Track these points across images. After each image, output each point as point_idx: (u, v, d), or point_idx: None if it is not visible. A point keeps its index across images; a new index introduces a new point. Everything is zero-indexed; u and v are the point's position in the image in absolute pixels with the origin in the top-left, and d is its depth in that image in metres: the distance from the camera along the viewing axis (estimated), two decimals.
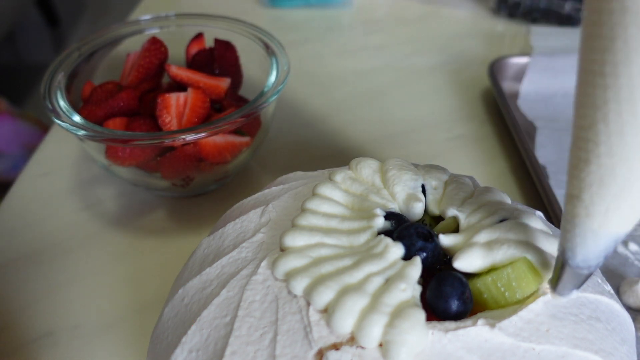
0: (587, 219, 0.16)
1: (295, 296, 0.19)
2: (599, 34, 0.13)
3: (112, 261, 0.33)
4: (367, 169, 0.24)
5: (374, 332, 0.17)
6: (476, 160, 0.40)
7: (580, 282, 0.18)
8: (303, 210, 0.22)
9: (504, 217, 0.21)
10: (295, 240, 0.20)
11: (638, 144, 0.14)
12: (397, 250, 0.19)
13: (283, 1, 0.59)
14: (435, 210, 0.23)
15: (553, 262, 0.19)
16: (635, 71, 0.13)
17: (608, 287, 0.22)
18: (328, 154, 0.41)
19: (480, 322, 0.18)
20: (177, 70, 0.35)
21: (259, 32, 0.38)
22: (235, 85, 0.37)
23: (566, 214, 0.17)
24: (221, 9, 0.58)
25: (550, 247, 0.20)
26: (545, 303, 0.19)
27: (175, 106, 0.32)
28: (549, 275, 0.19)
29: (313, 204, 0.22)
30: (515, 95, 0.45)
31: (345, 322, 0.17)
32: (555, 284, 0.18)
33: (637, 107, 0.13)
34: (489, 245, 0.20)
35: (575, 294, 0.19)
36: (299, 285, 0.19)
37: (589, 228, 0.16)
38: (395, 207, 0.22)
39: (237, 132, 0.34)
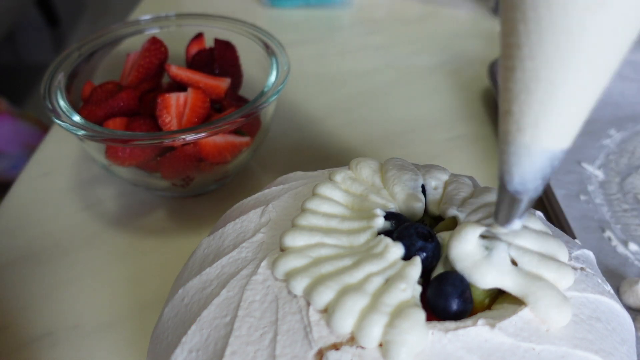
0: (519, 134, 0.15)
1: (295, 296, 0.19)
2: None
3: (112, 261, 0.33)
4: (367, 169, 0.24)
5: (374, 332, 0.17)
6: (476, 160, 0.40)
7: (521, 209, 0.17)
8: (303, 210, 0.22)
9: None
10: (295, 240, 0.20)
11: (556, 42, 0.13)
12: (397, 250, 0.19)
13: (283, 1, 0.59)
14: (435, 210, 0.23)
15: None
16: None
17: (608, 287, 0.22)
18: (328, 154, 0.41)
19: (480, 322, 0.18)
20: (177, 70, 0.35)
21: (259, 32, 0.38)
22: (235, 85, 0.37)
23: (500, 132, 0.16)
24: (221, 9, 0.58)
25: (549, 247, 0.20)
26: None
27: (175, 106, 0.32)
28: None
29: (313, 204, 0.22)
30: None
31: (345, 322, 0.17)
32: (495, 213, 0.17)
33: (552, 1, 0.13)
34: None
35: (519, 225, 0.17)
36: (299, 285, 0.19)
37: (521, 144, 0.15)
38: (395, 207, 0.22)
39: (237, 132, 0.34)
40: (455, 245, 0.19)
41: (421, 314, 0.17)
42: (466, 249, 0.19)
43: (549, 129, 0.15)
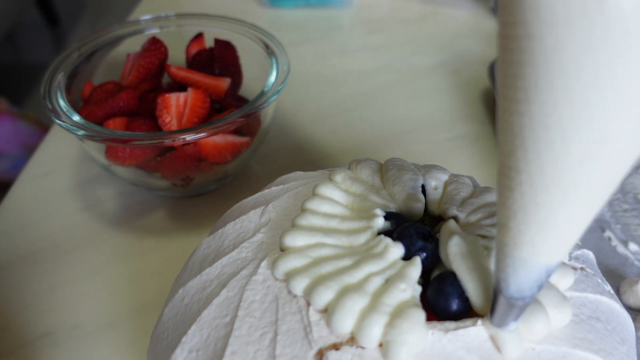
0: (516, 249, 0.15)
1: (295, 296, 0.19)
2: (510, 60, 0.13)
3: (112, 261, 0.33)
4: (367, 169, 0.24)
5: (374, 332, 0.17)
6: (476, 160, 0.40)
7: (517, 313, 0.17)
8: (303, 210, 0.22)
9: None
10: (295, 240, 0.20)
11: (556, 173, 0.13)
12: (397, 250, 0.19)
13: (283, 1, 0.59)
14: (435, 210, 0.23)
15: None
16: (545, 98, 0.12)
17: (608, 287, 0.22)
18: (328, 154, 0.41)
19: (480, 322, 0.18)
20: (177, 70, 0.35)
21: (259, 32, 0.38)
22: (235, 85, 0.37)
23: (497, 243, 0.16)
24: (221, 9, 0.58)
25: None
26: None
27: (175, 106, 0.32)
28: None
29: (313, 204, 0.22)
30: None
31: (345, 322, 0.17)
32: (491, 314, 0.17)
33: (551, 134, 0.13)
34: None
35: (514, 326, 0.17)
36: (299, 285, 0.19)
37: (518, 258, 0.15)
38: (395, 207, 0.22)
39: (237, 132, 0.34)
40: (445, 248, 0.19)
41: (421, 314, 0.17)
42: (454, 251, 0.19)
43: (546, 247, 0.15)
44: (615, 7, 0.11)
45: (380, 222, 0.21)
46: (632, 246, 0.32)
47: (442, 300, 0.18)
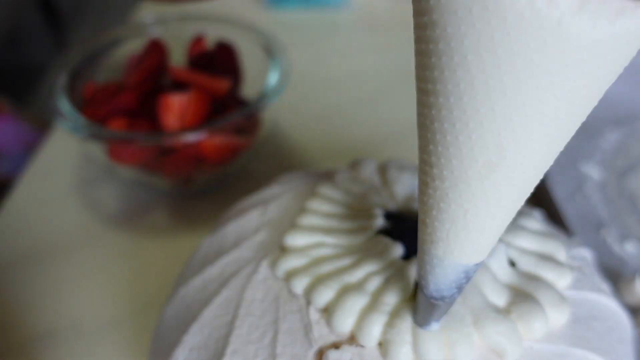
0: (432, 246, 0.15)
1: (295, 295, 0.19)
2: (418, 49, 0.12)
3: (112, 261, 0.33)
4: (367, 169, 0.24)
5: (374, 331, 0.17)
6: None
7: (438, 313, 0.16)
8: (303, 210, 0.22)
9: None
10: (295, 239, 0.20)
11: (464, 169, 0.13)
12: (396, 250, 0.20)
13: (283, 2, 0.60)
14: None
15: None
16: (450, 89, 0.12)
17: (606, 286, 0.22)
18: (328, 154, 0.41)
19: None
20: (179, 71, 0.35)
21: (260, 33, 0.38)
22: (236, 86, 0.37)
23: (418, 239, 0.16)
24: (222, 10, 0.58)
25: (547, 247, 0.21)
26: None
27: (176, 107, 0.32)
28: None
29: (313, 204, 0.22)
30: None
31: (345, 321, 0.18)
32: (415, 312, 0.17)
33: (457, 127, 0.12)
34: None
35: (436, 327, 0.17)
36: (300, 285, 0.19)
37: (435, 255, 0.15)
38: (395, 207, 0.22)
39: (238, 132, 0.34)
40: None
41: None
42: None
43: (460, 245, 0.14)
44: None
45: (380, 222, 0.21)
46: (629, 245, 0.32)
47: None
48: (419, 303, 0.17)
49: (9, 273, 0.32)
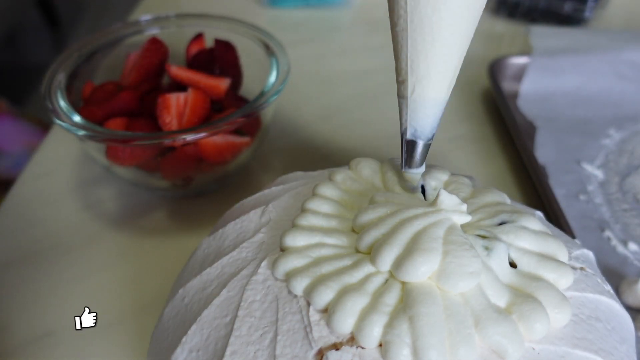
0: (402, 87, 0.20)
1: (295, 296, 0.19)
2: None
3: (112, 261, 0.33)
4: (367, 169, 0.24)
5: (374, 332, 0.17)
6: (476, 160, 0.40)
7: (419, 152, 0.21)
8: (303, 210, 0.22)
9: (504, 220, 0.21)
10: (295, 240, 0.20)
11: (423, 12, 0.18)
12: None
13: (283, 1, 0.59)
14: None
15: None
16: None
17: (607, 287, 0.22)
18: (328, 154, 0.41)
19: None
20: (178, 71, 0.35)
21: (259, 32, 0.38)
22: (236, 85, 0.37)
23: (399, 97, 0.21)
24: (221, 9, 0.58)
25: (549, 247, 0.21)
26: None
27: (175, 106, 0.32)
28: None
29: (313, 204, 0.22)
30: (514, 95, 0.45)
31: (346, 322, 0.18)
32: (403, 163, 0.21)
33: None
34: None
35: (423, 169, 0.22)
36: (299, 285, 0.19)
37: (404, 96, 0.20)
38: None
39: (237, 132, 0.34)
40: None
41: None
42: None
43: (421, 80, 0.20)
44: None
45: None
46: (632, 246, 0.32)
47: None
48: (404, 151, 0.21)
49: (9, 273, 0.32)
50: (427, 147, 0.21)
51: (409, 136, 0.21)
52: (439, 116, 0.21)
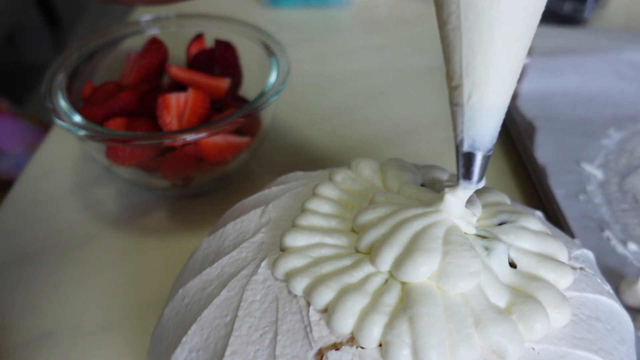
0: (456, 93, 0.18)
1: (295, 296, 0.19)
2: None
3: (112, 261, 0.33)
4: (367, 169, 0.24)
5: (374, 332, 0.17)
6: None
7: (478, 165, 0.18)
8: (303, 210, 0.22)
9: (504, 221, 0.21)
10: (295, 240, 0.20)
11: (476, 14, 0.16)
12: None
13: (283, 1, 0.59)
14: None
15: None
16: None
17: (607, 287, 0.22)
18: (328, 154, 0.41)
19: None
20: (178, 71, 0.35)
21: (259, 33, 0.38)
22: (236, 85, 0.37)
23: (453, 104, 0.18)
24: (221, 9, 0.58)
25: (548, 247, 0.21)
26: None
27: (175, 106, 0.32)
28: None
29: (313, 204, 0.22)
30: (514, 95, 0.45)
31: (346, 322, 0.18)
32: (458, 175, 0.19)
33: None
34: None
35: (482, 183, 0.19)
36: (299, 285, 0.19)
37: (459, 104, 0.18)
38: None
39: (237, 132, 0.34)
40: None
41: None
42: None
43: (480, 85, 0.17)
44: None
45: None
46: (631, 246, 0.32)
47: None
48: (461, 164, 0.19)
49: (9, 273, 0.32)
50: (487, 158, 0.19)
51: (466, 148, 0.18)
52: (499, 124, 0.18)
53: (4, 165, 0.66)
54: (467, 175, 0.19)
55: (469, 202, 0.20)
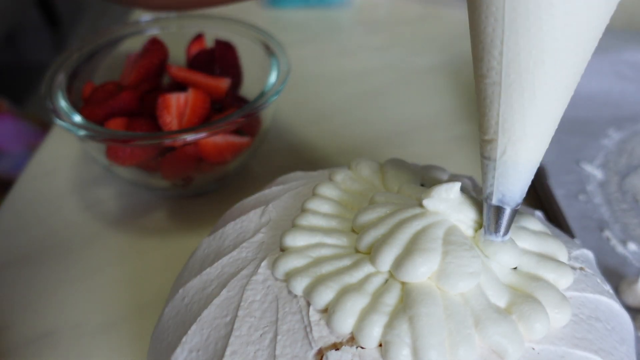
0: (490, 147, 0.18)
1: (295, 296, 0.19)
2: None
3: (112, 261, 0.33)
4: (367, 169, 0.24)
5: (374, 332, 0.17)
6: (476, 161, 0.40)
7: (505, 219, 0.18)
8: (303, 210, 0.22)
9: None
10: (295, 240, 0.20)
11: (520, 71, 0.16)
12: None
13: (283, 1, 0.59)
14: None
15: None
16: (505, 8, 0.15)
17: (607, 287, 0.22)
18: (328, 154, 0.41)
19: None
20: (178, 71, 0.35)
21: (259, 33, 0.38)
22: (236, 85, 0.37)
23: (485, 158, 0.18)
24: (221, 9, 0.58)
25: (548, 247, 0.21)
26: None
27: (175, 106, 0.32)
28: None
29: (313, 204, 0.22)
30: None
31: (346, 322, 0.18)
32: (486, 228, 0.19)
33: (514, 38, 0.16)
34: None
35: (508, 237, 0.19)
36: (299, 285, 0.19)
37: (492, 158, 0.18)
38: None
39: (237, 132, 0.34)
40: None
41: None
42: None
43: (514, 142, 0.17)
44: None
45: None
46: (631, 246, 0.32)
47: None
48: (488, 217, 0.19)
49: (9, 273, 0.32)
50: (514, 212, 0.18)
51: (495, 202, 0.18)
52: (530, 180, 0.18)
53: (4, 165, 0.66)
54: (495, 230, 0.19)
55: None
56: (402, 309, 0.17)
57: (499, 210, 0.18)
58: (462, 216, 0.19)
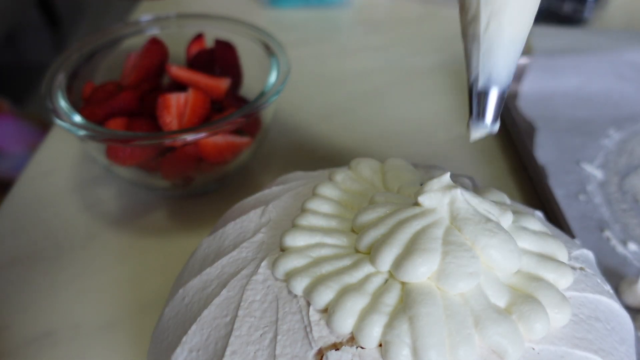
0: (472, 24, 0.17)
1: (295, 296, 0.19)
2: None
3: (112, 261, 0.33)
4: (367, 169, 0.24)
5: (374, 332, 0.17)
6: (476, 160, 0.40)
7: (493, 106, 0.18)
8: (303, 210, 0.22)
9: None
10: (295, 240, 0.20)
11: None
12: None
13: (283, 1, 0.60)
14: None
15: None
16: None
17: (607, 287, 0.22)
18: (328, 154, 0.41)
19: None
20: (178, 71, 0.35)
21: (259, 33, 0.38)
22: (236, 85, 0.37)
23: (468, 44, 0.18)
24: (221, 9, 0.58)
25: (548, 247, 0.21)
26: None
27: (175, 106, 0.32)
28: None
29: (313, 204, 0.22)
30: (514, 96, 0.45)
31: (346, 322, 0.18)
32: (474, 116, 0.18)
33: None
34: None
35: (497, 126, 0.18)
36: (299, 285, 0.19)
37: (476, 35, 0.17)
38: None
39: (237, 132, 0.34)
40: None
41: None
42: None
43: (507, 17, 0.17)
44: None
45: None
46: (631, 246, 0.32)
47: None
48: (475, 103, 0.18)
49: (9, 273, 0.32)
50: (502, 97, 0.18)
51: (481, 84, 0.18)
52: (516, 59, 0.18)
53: (4, 165, 0.66)
54: (481, 114, 0.18)
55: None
56: (402, 309, 0.17)
57: (485, 94, 0.18)
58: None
